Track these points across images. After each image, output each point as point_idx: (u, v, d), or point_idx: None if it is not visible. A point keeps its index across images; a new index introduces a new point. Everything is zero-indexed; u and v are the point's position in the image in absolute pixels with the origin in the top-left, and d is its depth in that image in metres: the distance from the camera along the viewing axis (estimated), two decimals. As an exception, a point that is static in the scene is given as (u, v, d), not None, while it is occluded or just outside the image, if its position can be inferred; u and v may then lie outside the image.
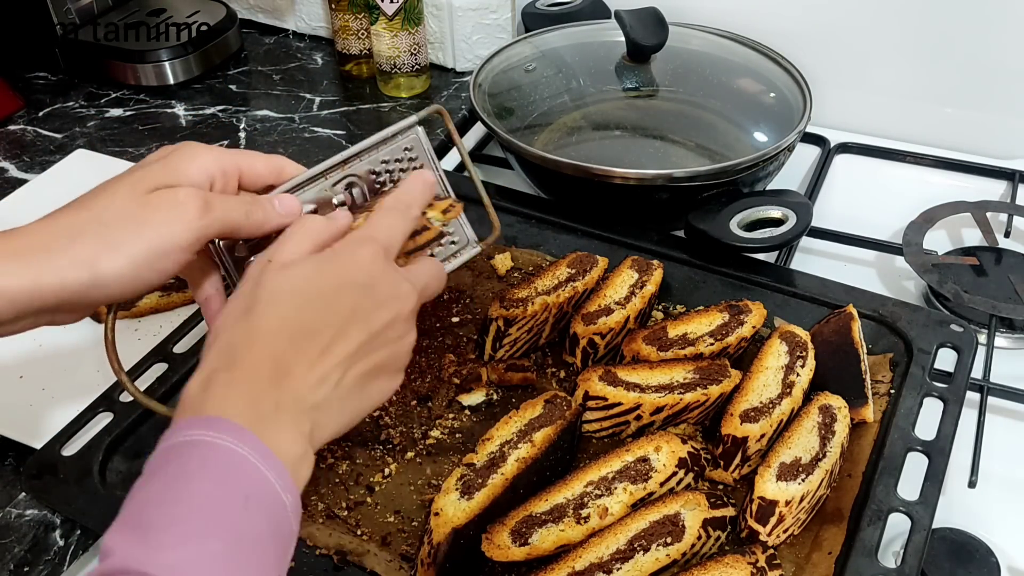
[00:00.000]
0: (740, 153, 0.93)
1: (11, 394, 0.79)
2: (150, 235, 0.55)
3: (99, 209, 0.56)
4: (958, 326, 0.78)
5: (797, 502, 0.64)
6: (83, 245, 0.54)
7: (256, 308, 0.52)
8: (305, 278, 0.54)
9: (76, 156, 1.09)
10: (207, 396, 0.49)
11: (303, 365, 0.51)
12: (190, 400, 0.50)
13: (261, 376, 0.50)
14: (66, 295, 0.54)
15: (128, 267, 0.55)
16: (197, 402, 0.49)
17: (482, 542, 0.63)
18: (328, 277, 0.54)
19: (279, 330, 0.51)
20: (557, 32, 1.13)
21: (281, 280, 0.53)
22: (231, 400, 0.48)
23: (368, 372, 0.55)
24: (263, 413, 0.48)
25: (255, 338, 0.51)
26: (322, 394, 0.51)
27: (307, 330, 0.52)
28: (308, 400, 0.51)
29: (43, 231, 0.55)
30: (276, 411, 0.49)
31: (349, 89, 1.24)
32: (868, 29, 1.10)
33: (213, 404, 0.48)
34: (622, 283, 0.82)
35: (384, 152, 0.67)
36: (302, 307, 0.53)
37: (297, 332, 0.51)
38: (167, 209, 0.55)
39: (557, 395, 0.72)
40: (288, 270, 0.54)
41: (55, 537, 0.69)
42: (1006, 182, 1.04)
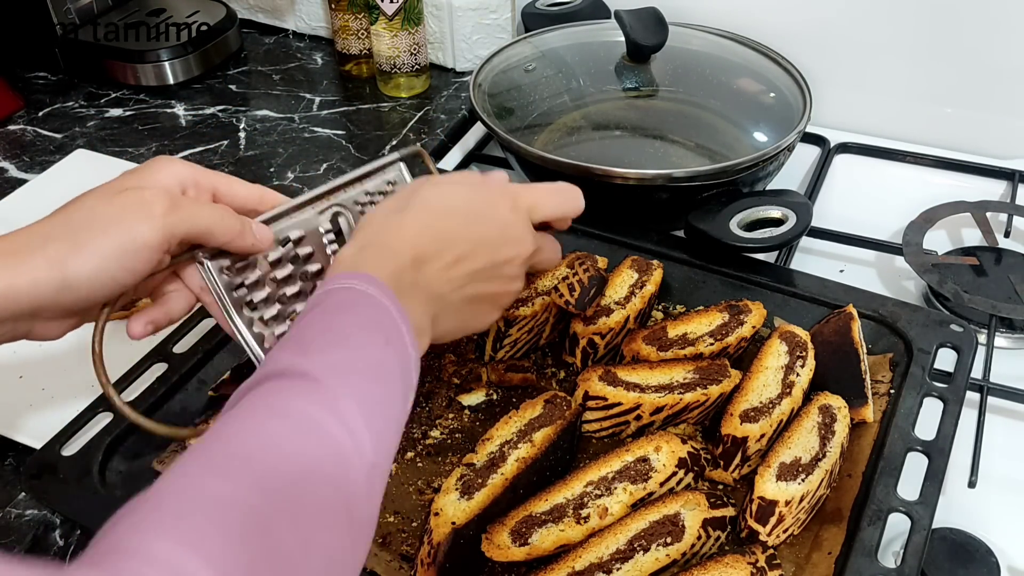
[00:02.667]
0: (740, 153, 0.93)
1: (11, 394, 0.79)
2: (117, 233, 0.56)
3: (70, 213, 0.57)
4: (958, 326, 0.78)
5: (797, 502, 0.64)
6: (53, 246, 0.55)
7: (409, 209, 0.60)
8: (455, 196, 0.62)
9: (76, 156, 1.09)
10: (360, 259, 0.57)
11: (437, 263, 0.59)
12: (345, 260, 0.58)
13: (403, 258, 0.58)
14: (40, 299, 0.55)
15: (97, 267, 0.55)
16: (351, 262, 0.57)
17: (482, 542, 0.63)
18: (474, 203, 0.62)
19: (424, 230, 0.59)
20: (557, 32, 1.13)
21: (435, 191, 0.62)
22: (380, 266, 0.56)
23: (481, 295, 0.63)
24: (403, 284, 0.56)
25: (404, 230, 0.59)
26: (447, 291, 0.60)
27: (446, 238, 0.60)
28: (435, 290, 0.59)
29: (16, 238, 0.56)
30: (413, 287, 0.57)
31: (349, 89, 1.24)
32: (868, 29, 1.10)
33: (365, 265, 0.56)
34: (622, 283, 0.82)
35: (369, 184, 0.70)
36: (447, 218, 0.61)
37: (438, 237, 0.60)
38: (133, 207, 0.57)
39: (557, 395, 0.72)
40: (441, 186, 0.63)
41: (55, 537, 0.69)
42: (1006, 182, 1.04)
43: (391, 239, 0.58)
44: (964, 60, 1.07)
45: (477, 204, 0.62)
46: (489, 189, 0.64)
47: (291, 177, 1.07)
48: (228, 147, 1.13)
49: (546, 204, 0.66)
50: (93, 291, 0.56)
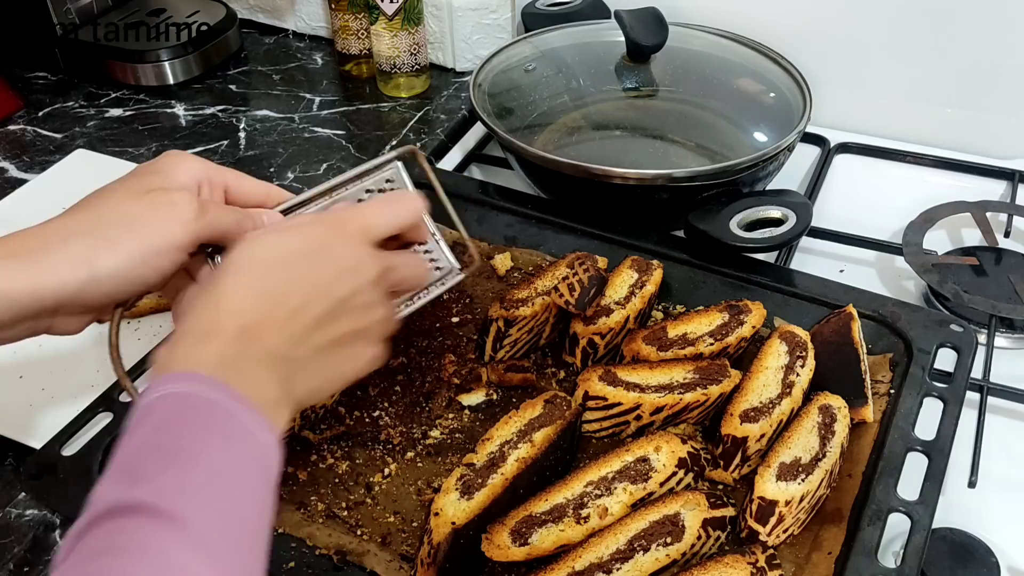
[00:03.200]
0: (740, 153, 0.93)
1: (11, 394, 0.79)
2: (146, 233, 0.56)
3: (94, 210, 0.57)
4: (958, 326, 0.78)
5: (797, 502, 0.64)
6: (80, 244, 0.55)
7: (221, 278, 0.54)
8: (271, 247, 0.56)
9: (76, 156, 1.09)
10: (174, 355, 0.51)
11: (269, 325, 0.53)
12: (160, 362, 0.51)
13: (225, 334, 0.51)
14: (65, 295, 0.55)
15: (125, 264, 0.56)
16: (164, 362, 0.51)
17: (482, 542, 0.63)
18: (294, 247, 0.56)
19: (243, 295, 0.53)
20: (557, 32, 1.13)
21: (244, 253, 0.56)
22: (198, 355, 0.50)
23: (338, 338, 0.56)
24: (229, 365, 0.50)
25: (221, 304, 0.53)
26: (289, 349, 0.53)
27: (271, 294, 0.53)
28: (276, 353, 0.52)
29: (40, 234, 0.56)
30: (243, 362, 0.51)
31: (349, 89, 1.24)
32: (868, 29, 1.10)
33: (180, 359, 0.50)
34: (622, 283, 0.82)
35: (368, 182, 0.70)
36: (267, 274, 0.54)
37: (261, 296, 0.53)
38: (164, 209, 0.57)
39: (557, 395, 0.72)
40: (256, 242, 0.57)
41: (55, 537, 0.69)
42: (1006, 182, 1.04)
43: (208, 320, 0.52)
44: (964, 60, 1.07)
45: (298, 246, 0.57)
46: (310, 227, 0.58)
47: (291, 177, 1.07)
48: (228, 147, 1.13)
49: (379, 220, 0.61)
50: (118, 288, 0.56)
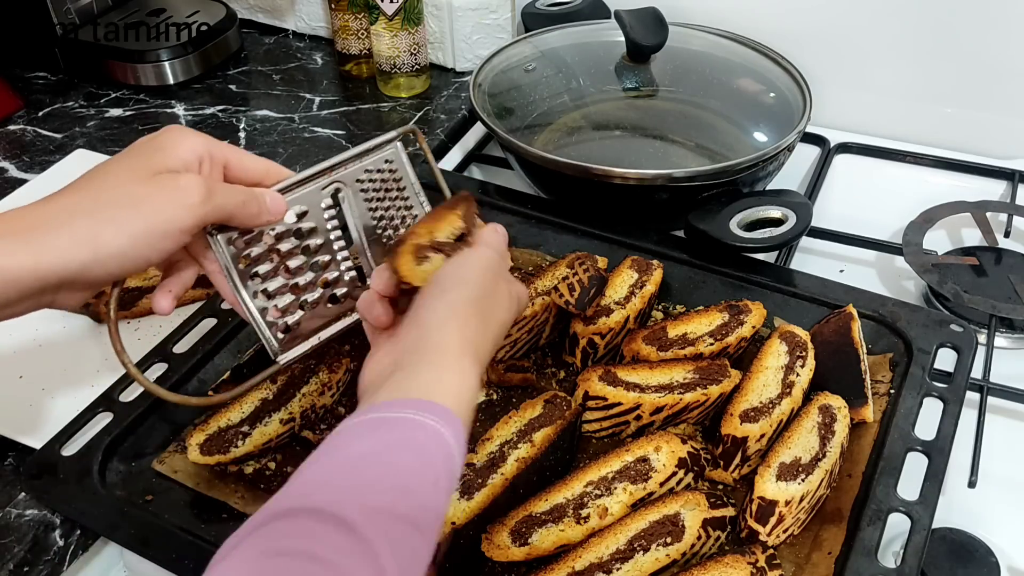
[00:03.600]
0: (740, 153, 0.93)
1: (11, 394, 0.79)
2: (152, 215, 0.56)
3: (97, 189, 0.57)
4: (958, 326, 0.78)
5: (797, 502, 0.64)
6: (83, 223, 0.55)
7: (446, 297, 0.57)
8: (476, 274, 0.59)
9: (76, 156, 1.09)
10: (419, 380, 0.52)
11: (485, 339, 0.57)
12: (402, 383, 0.53)
13: (464, 361, 0.54)
14: (67, 273, 0.55)
15: (128, 244, 0.56)
16: (408, 385, 0.52)
17: (482, 542, 0.63)
18: (488, 270, 0.59)
19: (472, 317, 0.56)
20: (557, 32, 1.13)
21: (454, 274, 0.59)
22: (440, 386, 0.52)
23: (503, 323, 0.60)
24: (461, 393, 0.53)
25: (453, 326, 0.55)
26: (488, 355, 0.57)
27: (484, 311, 0.57)
28: (483, 362, 0.56)
29: (42, 211, 0.56)
30: (469, 389, 0.53)
31: (349, 89, 1.24)
32: (868, 29, 1.10)
33: (424, 388, 0.52)
34: (622, 283, 0.82)
35: (368, 162, 0.71)
36: (478, 291, 0.58)
37: (480, 314, 0.56)
38: (170, 192, 0.57)
39: (557, 395, 0.72)
40: (459, 267, 0.59)
41: (55, 537, 0.69)
42: (1006, 182, 1.04)
43: (442, 343, 0.54)
44: (964, 60, 1.07)
45: (489, 269, 0.60)
46: (483, 255, 0.62)
47: (291, 177, 1.07)
48: (228, 147, 1.13)
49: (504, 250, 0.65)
50: (121, 267, 0.57)
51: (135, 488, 0.70)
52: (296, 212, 0.67)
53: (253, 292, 0.66)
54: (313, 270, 0.69)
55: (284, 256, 0.68)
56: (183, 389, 0.77)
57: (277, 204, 0.64)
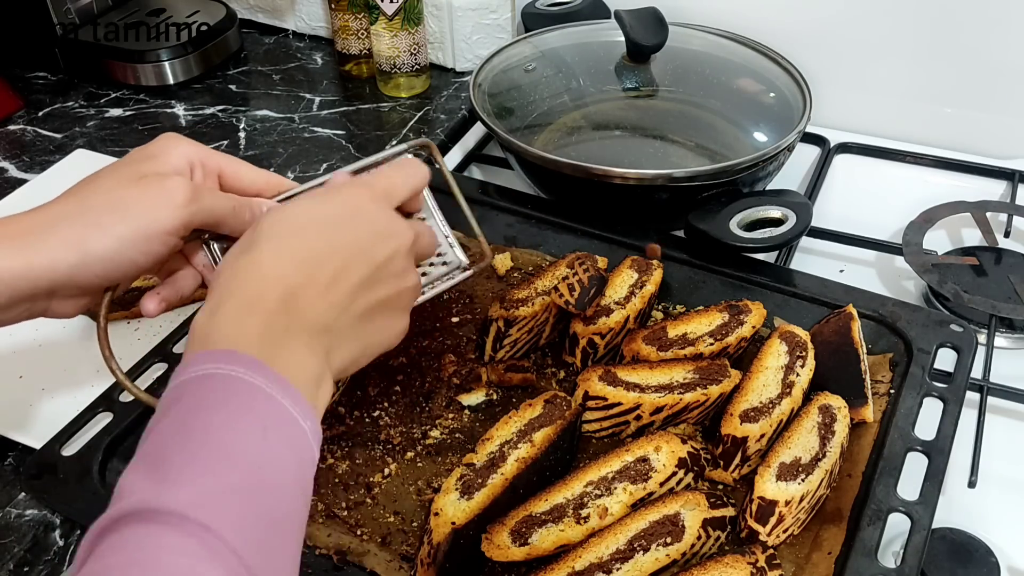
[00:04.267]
0: (740, 153, 0.93)
1: (11, 394, 0.79)
2: (138, 217, 0.56)
3: (85, 195, 0.58)
4: (958, 326, 0.78)
5: (797, 502, 0.64)
6: (71, 227, 0.56)
7: (257, 242, 0.52)
8: (302, 213, 0.55)
9: (76, 156, 1.09)
10: (214, 327, 0.49)
11: (311, 291, 0.51)
12: (199, 332, 0.49)
13: (269, 302, 0.50)
14: (58, 277, 0.56)
15: (116, 247, 0.56)
16: (204, 334, 0.49)
17: (482, 542, 0.63)
18: (326, 210, 0.55)
19: (284, 259, 0.52)
20: (557, 32, 1.13)
21: (279, 216, 0.54)
22: (241, 330, 0.48)
23: (375, 305, 0.55)
24: (274, 339, 0.48)
25: (260, 268, 0.51)
26: (332, 318, 0.52)
27: (312, 258, 0.52)
28: (319, 323, 0.51)
29: (33, 218, 0.57)
30: (286, 335, 0.49)
31: (349, 89, 1.24)
32: (868, 29, 1.10)
33: (222, 336, 0.48)
34: (622, 283, 0.82)
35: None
36: (304, 238, 0.53)
37: (302, 260, 0.52)
38: (156, 194, 0.57)
39: (557, 395, 0.72)
40: (284, 208, 0.56)
41: (55, 537, 0.69)
42: (1006, 182, 1.04)
43: (247, 285, 0.50)
44: (964, 60, 1.07)
45: (333, 210, 0.55)
46: (343, 191, 0.57)
47: (291, 177, 1.07)
48: (228, 147, 1.13)
49: (398, 184, 0.60)
50: (110, 271, 0.57)
51: (135, 488, 0.70)
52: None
53: None
54: None
55: None
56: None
57: None
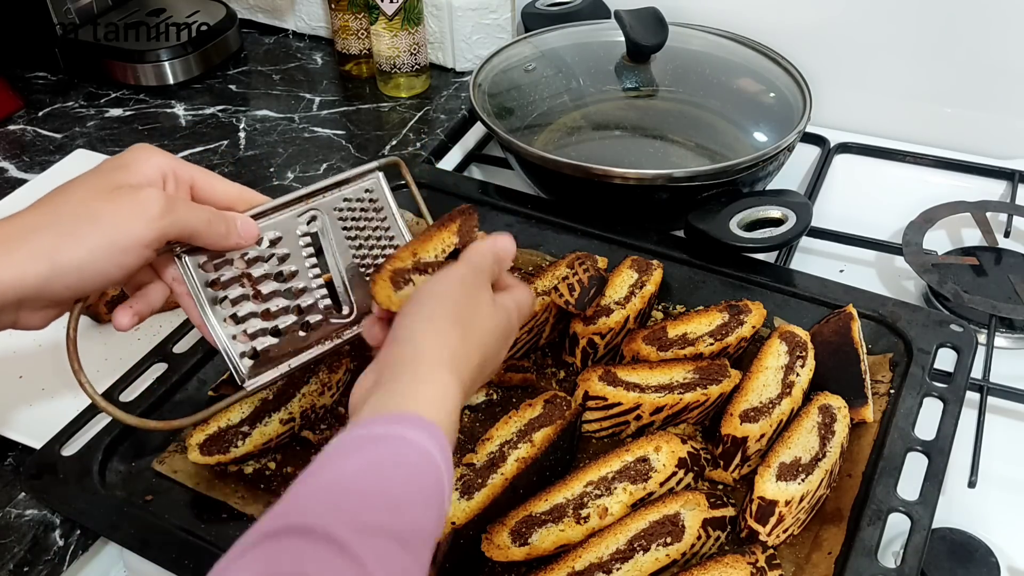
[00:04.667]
0: (740, 153, 0.93)
1: (11, 394, 0.79)
2: (110, 229, 0.56)
3: (57, 205, 0.57)
4: (958, 326, 0.78)
5: (797, 502, 0.64)
6: (41, 238, 0.55)
7: (448, 326, 0.56)
8: (491, 326, 0.58)
9: (76, 156, 1.09)
10: (400, 391, 0.51)
11: (469, 370, 0.55)
12: (384, 397, 0.52)
13: (446, 376, 0.53)
14: (25, 289, 0.55)
15: (87, 258, 0.56)
16: (388, 399, 0.51)
17: (482, 542, 0.63)
18: (502, 329, 0.59)
19: (466, 354, 0.55)
20: (557, 32, 1.13)
21: (472, 310, 0.58)
22: (420, 397, 0.51)
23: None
24: (444, 406, 0.52)
25: (444, 345, 0.54)
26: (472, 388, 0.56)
27: (482, 358, 0.57)
28: (465, 386, 0.55)
29: (1, 228, 0.56)
30: (453, 404, 0.52)
31: (349, 89, 1.24)
32: (868, 29, 1.10)
33: (406, 400, 0.51)
34: (622, 283, 0.82)
35: (347, 191, 0.70)
36: (483, 347, 0.57)
37: (477, 359, 0.56)
38: (130, 205, 0.57)
39: (557, 395, 0.72)
40: (478, 305, 0.59)
41: (55, 537, 0.69)
42: (1006, 182, 1.04)
43: (430, 357, 0.54)
44: (964, 60, 1.07)
45: (504, 328, 0.60)
46: (513, 317, 0.61)
47: (291, 177, 1.07)
48: (228, 147, 1.13)
49: (526, 303, 0.64)
50: (81, 282, 0.56)
51: (135, 488, 0.70)
52: (270, 238, 0.67)
53: (223, 317, 0.65)
54: (286, 296, 0.68)
55: (256, 282, 0.67)
56: (183, 389, 0.77)
57: (248, 228, 0.64)
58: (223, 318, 0.65)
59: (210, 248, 0.63)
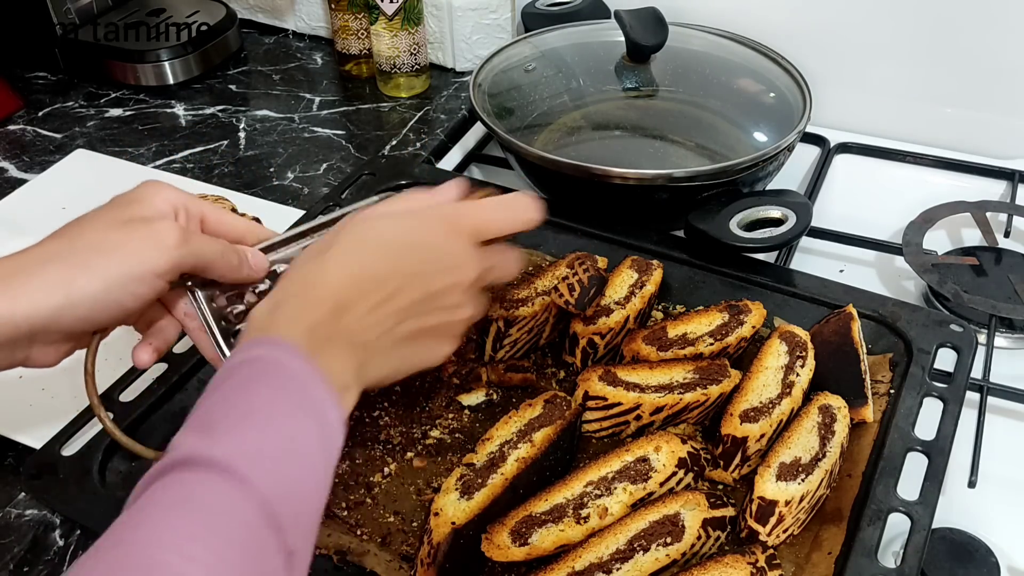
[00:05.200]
0: (740, 153, 0.93)
1: (11, 394, 0.79)
2: (126, 259, 0.57)
3: (72, 238, 0.58)
4: (958, 326, 0.78)
5: (797, 502, 0.64)
6: (55, 269, 0.56)
7: (332, 250, 0.57)
8: (385, 230, 0.58)
9: (76, 156, 1.09)
10: (272, 320, 0.54)
11: (362, 307, 0.55)
12: (257, 322, 0.54)
13: (323, 308, 0.54)
14: (39, 320, 0.55)
15: (102, 290, 0.56)
16: (263, 324, 0.54)
17: (482, 542, 0.63)
18: (405, 234, 0.58)
19: (346, 274, 0.56)
20: (557, 32, 1.13)
21: (362, 227, 0.58)
22: (293, 324, 0.53)
23: (420, 330, 0.58)
24: (319, 338, 0.53)
25: (325, 276, 0.55)
26: (373, 335, 0.56)
27: (372, 277, 0.56)
28: (360, 337, 0.55)
29: (16, 260, 0.56)
30: (328, 342, 0.53)
31: (349, 89, 1.24)
32: (868, 29, 1.10)
33: (276, 327, 0.53)
34: (622, 283, 0.82)
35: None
36: (373, 256, 0.57)
37: (363, 277, 0.56)
38: (144, 236, 0.58)
39: (557, 395, 0.72)
40: (370, 220, 0.59)
41: (55, 537, 0.69)
42: (1006, 182, 1.04)
43: (310, 289, 0.55)
44: (964, 60, 1.07)
45: (409, 235, 0.58)
46: (426, 216, 0.59)
47: (291, 177, 1.07)
48: (228, 147, 1.13)
49: (492, 223, 0.61)
50: (93, 314, 0.57)
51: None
52: (280, 271, 0.67)
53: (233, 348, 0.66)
54: None
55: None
56: (183, 390, 0.77)
57: (259, 261, 0.65)
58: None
59: (222, 280, 0.63)
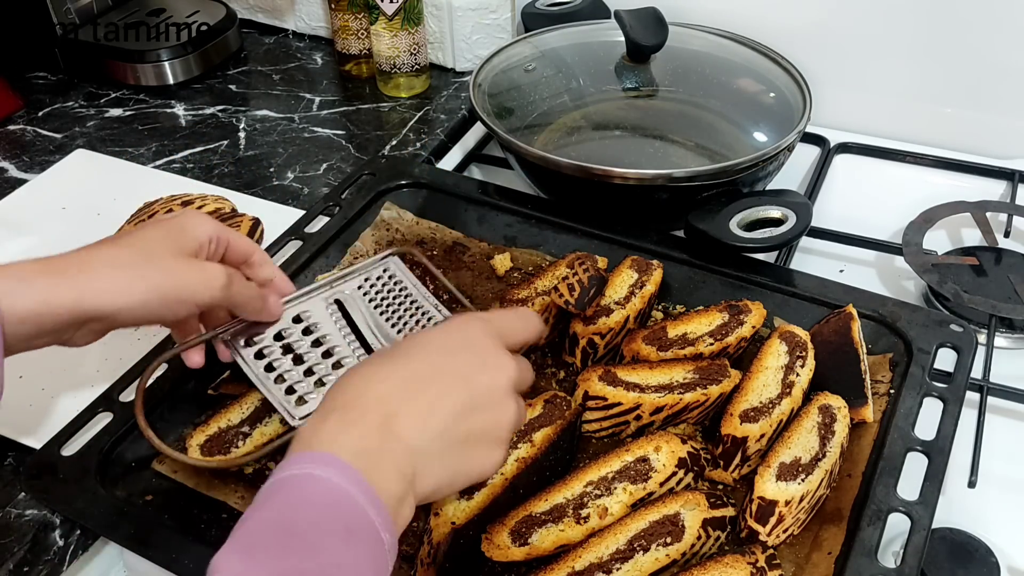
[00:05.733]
0: (740, 153, 0.93)
1: (11, 394, 0.78)
2: (180, 287, 0.65)
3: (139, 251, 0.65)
4: (958, 326, 0.78)
5: (797, 502, 0.64)
6: (124, 274, 0.63)
7: (377, 358, 0.57)
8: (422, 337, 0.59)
9: (76, 156, 1.09)
10: (318, 435, 0.52)
11: (412, 413, 0.54)
12: (304, 437, 0.53)
13: (371, 416, 0.53)
14: (99, 314, 0.62)
15: (156, 301, 0.64)
16: (308, 437, 0.52)
17: (482, 542, 0.63)
18: (443, 336, 0.58)
19: (392, 377, 0.55)
20: (557, 32, 1.13)
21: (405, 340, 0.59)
22: (342, 437, 0.52)
23: (469, 433, 0.56)
24: (369, 452, 0.51)
25: (370, 382, 0.55)
26: (425, 440, 0.53)
27: (416, 379, 0.55)
28: (411, 444, 0.53)
29: (87, 256, 0.64)
30: (380, 450, 0.52)
31: (349, 89, 1.24)
32: (868, 29, 1.10)
33: (324, 439, 0.51)
34: (622, 283, 0.82)
35: (360, 279, 0.80)
36: (416, 359, 0.56)
37: (407, 379, 0.55)
38: (198, 272, 0.66)
39: (557, 395, 0.72)
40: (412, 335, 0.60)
41: (55, 537, 0.69)
42: (1006, 182, 1.04)
43: (357, 398, 0.54)
44: (964, 60, 1.07)
45: (445, 337, 0.58)
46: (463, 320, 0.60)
47: (291, 177, 1.07)
48: (228, 147, 1.13)
49: (515, 329, 0.61)
50: (143, 318, 0.65)
51: (135, 488, 0.70)
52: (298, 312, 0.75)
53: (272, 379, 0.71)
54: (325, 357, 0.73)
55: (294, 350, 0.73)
56: (183, 388, 0.77)
57: (277, 305, 0.75)
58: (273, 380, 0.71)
59: (246, 318, 0.72)
